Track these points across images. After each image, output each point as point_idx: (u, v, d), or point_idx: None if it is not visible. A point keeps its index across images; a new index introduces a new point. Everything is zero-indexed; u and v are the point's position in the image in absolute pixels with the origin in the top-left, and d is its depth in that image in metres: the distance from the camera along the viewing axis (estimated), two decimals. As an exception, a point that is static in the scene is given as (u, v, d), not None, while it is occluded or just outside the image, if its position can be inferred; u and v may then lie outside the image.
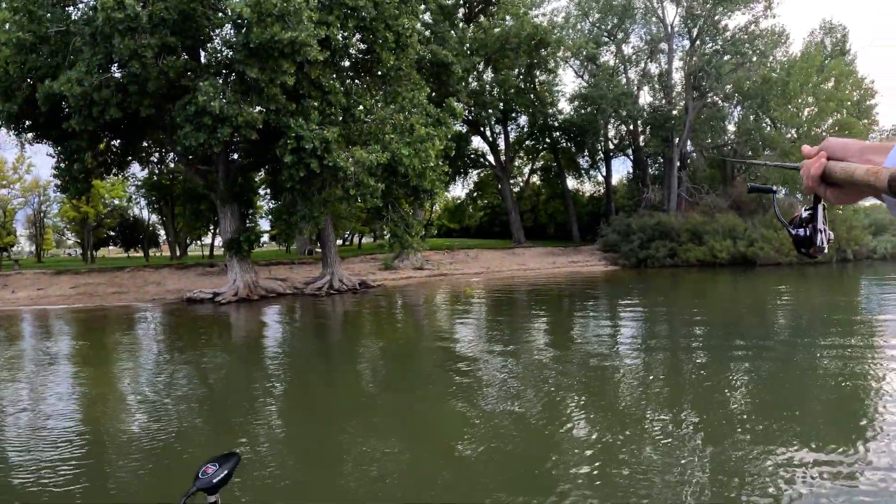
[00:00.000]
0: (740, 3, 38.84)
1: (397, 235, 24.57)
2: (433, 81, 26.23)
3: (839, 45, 41.89)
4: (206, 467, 2.11)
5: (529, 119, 47.64)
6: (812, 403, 7.78)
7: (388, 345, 13.97)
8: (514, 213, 47.39)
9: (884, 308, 17.31)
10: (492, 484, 5.45)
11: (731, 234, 35.42)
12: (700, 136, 44.73)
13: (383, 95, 22.84)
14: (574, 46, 41.45)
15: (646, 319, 16.59)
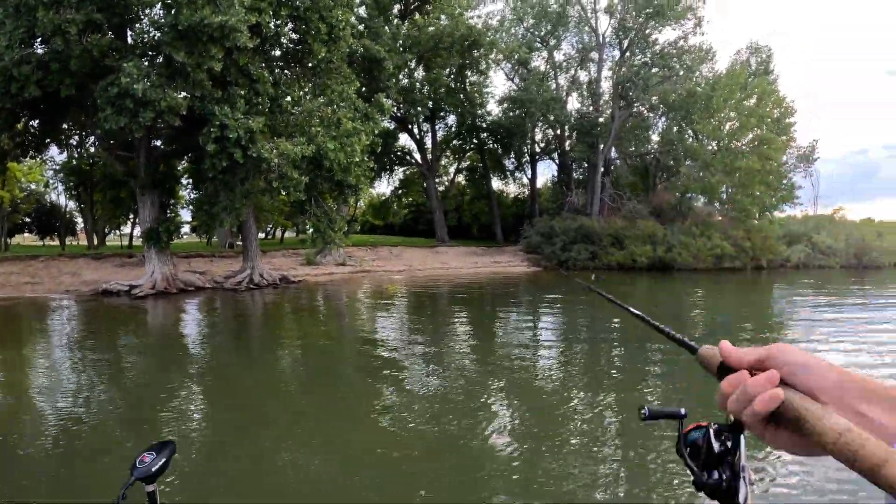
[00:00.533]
0: (672, 20, 40.19)
1: (320, 230, 24.11)
2: (364, 76, 25.86)
3: (763, 64, 43.91)
4: (142, 456, 2.06)
5: (458, 119, 47.71)
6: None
7: (309, 341, 13.68)
8: (438, 212, 47.47)
9: (793, 311, 18.44)
10: (417, 483, 5.47)
11: (650, 240, 36.54)
12: (624, 143, 46.00)
13: (312, 88, 22.33)
14: (507, 50, 41.79)
15: (566, 320, 16.95)
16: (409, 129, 46.20)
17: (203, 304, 20.25)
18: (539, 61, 47.65)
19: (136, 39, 19.46)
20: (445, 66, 38.03)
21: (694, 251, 35.28)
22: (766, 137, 37.15)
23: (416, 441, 6.53)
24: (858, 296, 22.34)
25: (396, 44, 31.55)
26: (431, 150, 48.03)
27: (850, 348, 11.58)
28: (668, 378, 9.57)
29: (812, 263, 36.88)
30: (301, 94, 21.77)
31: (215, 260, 31.33)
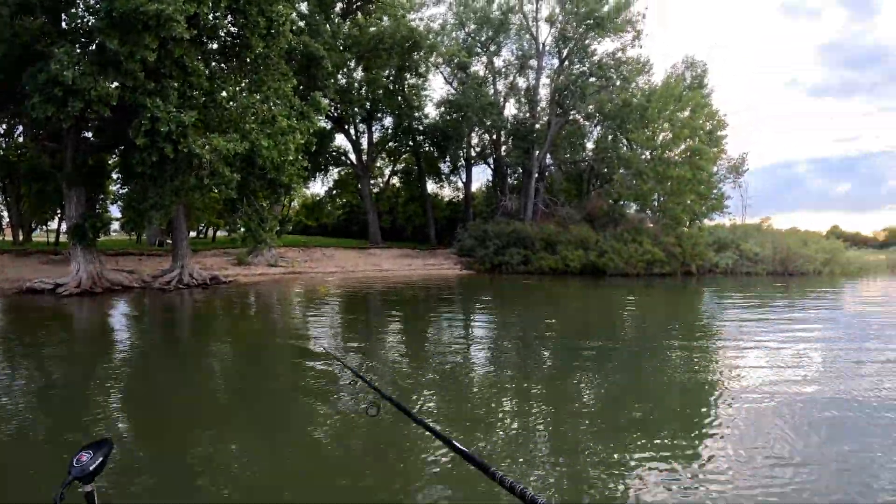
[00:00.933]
0: (611, 31, 40.98)
1: (251, 230, 23.47)
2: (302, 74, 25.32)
3: (698, 79, 45.21)
4: (79, 455, 2.02)
5: (395, 121, 47.44)
6: (656, 400, 8.39)
7: (238, 344, 13.21)
8: (372, 214, 47.13)
9: (721, 315, 18.94)
10: (351, 484, 5.47)
11: (583, 245, 37.22)
12: (559, 150, 46.60)
13: (249, 83, 21.71)
14: (447, 53, 41.72)
15: (498, 323, 16.96)
16: (346, 129, 45.63)
17: (130, 304, 19.34)
18: (479, 66, 47.93)
19: (71, 25, 18.49)
20: (385, 67, 37.71)
21: (626, 257, 36.08)
22: (698, 148, 38.37)
23: (347, 440, 6.54)
24: (783, 300, 23.33)
25: (336, 42, 31.12)
26: (367, 151, 47.60)
27: (774, 346, 12.30)
28: (595, 374, 9.82)
29: (740, 270, 38.19)
30: (237, 89, 21.10)
31: (144, 258, 30.18)
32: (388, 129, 49.45)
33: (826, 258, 39.48)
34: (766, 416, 7.38)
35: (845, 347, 12.27)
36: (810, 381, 9.18)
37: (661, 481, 5.42)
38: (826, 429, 6.93)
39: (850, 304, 22.52)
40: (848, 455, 6.06)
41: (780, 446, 6.31)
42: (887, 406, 7.80)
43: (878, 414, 7.49)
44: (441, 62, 45.63)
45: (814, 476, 5.53)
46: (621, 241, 37.35)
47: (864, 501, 5.04)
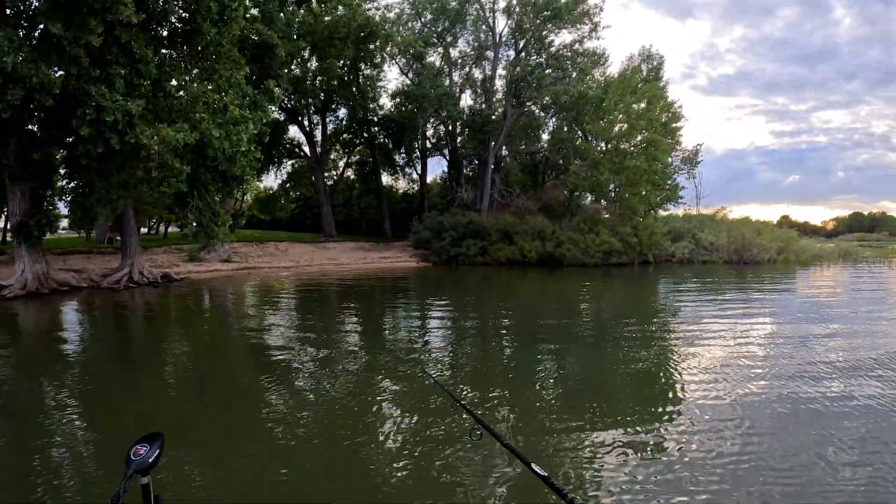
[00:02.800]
0: (568, 23, 40.98)
1: (203, 224, 22.62)
2: (254, 63, 24.46)
3: (654, 71, 45.67)
4: (136, 448, 2.07)
5: (349, 112, 46.69)
6: (615, 386, 8.77)
7: (191, 344, 12.62)
8: (326, 207, 46.41)
9: (677, 303, 19.34)
10: (315, 485, 5.43)
11: (540, 236, 37.24)
12: (515, 141, 46.49)
13: (200, 72, 20.79)
14: (403, 43, 41.06)
15: (456, 314, 17.03)
16: (300, 121, 44.74)
17: (77, 305, 18.33)
18: (435, 57, 47.42)
19: (12, 8, 17.34)
20: (340, 56, 36.80)
21: (583, 247, 36.29)
22: (654, 139, 38.67)
23: (306, 437, 6.51)
24: (737, 287, 24.17)
25: (290, 30, 30.24)
26: (321, 143, 46.76)
27: (726, 328, 13.25)
28: (556, 371, 9.74)
29: (696, 259, 38.91)
30: (187, 78, 20.17)
31: (93, 257, 28.89)
32: (343, 120, 48.73)
33: (780, 247, 40.59)
34: (721, 400, 7.68)
35: (800, 332, 12.84)
36: (765, 366, 9.61)
37: (619, 466, 5.64)
38: (780, 413, 7.20)
39: (804, 290, 23.40)
40: (803, 440, 6.31)
41: (736, 430, 6.56)
42: (839, 385, 8.32)
43: (829, 391, 7.99)
44: (397, 53, 45.05)
45: (769, 460, 5.76)
46: (578, 231, 37.54)
47: (819, 481, 5.31)
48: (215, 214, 22.92)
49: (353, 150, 54.10)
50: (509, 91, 42.54)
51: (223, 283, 24.48)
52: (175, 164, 18.25)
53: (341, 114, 48.09)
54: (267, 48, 24.51)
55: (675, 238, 40.41)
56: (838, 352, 10.67)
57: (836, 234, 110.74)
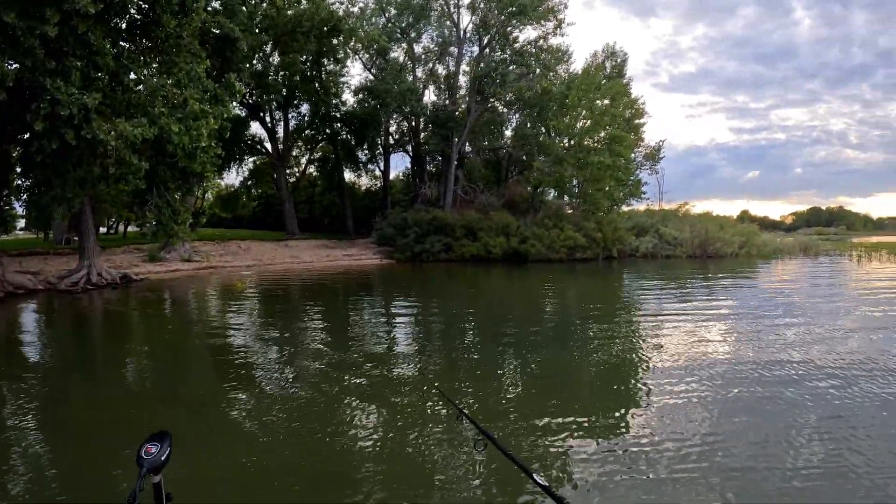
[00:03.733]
0: (533, 20, 40.90)
1: (162, 223, 21.98)
2: (216, 57, 23.76)
3: (618, 68, 46.02)
4: (146, 447, 2.08)
5: (312, 108, 45.91)
6: (581, 379, 8.87)
7: (153, 347, 12.22)
8: (288, 204, 45.76)
9: (640, 297, 19.74)
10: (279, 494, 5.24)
11: (504, 232, 37.26)
12: (479, 137, 46.32)
13: (159, 65, 20.08)
14: (367, 38, 40.49)
15: (421, 311, 17.01)
16: (262, 117, 44.05)
17: (34, 308, 17.61)
18: (398, 53, 47.02)
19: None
20: (302, 51, 36.13)
21: (548, 242, 36.45)
22: (618, 135, 39.06)
23: (274, 441, 6.37)
24: (700, 280, 24.87)
25: (253, 23, 29.54)
26: (283, 139, 46.06)
27: (690, 319, 13.85)
28: (523, 366, 9.86)
29: (660, 253, 39.52)
30: (146, 71, 19.47)
31: (51, 258, 27.88)
32: (305, 116, 47.94)
33: (742, 241, 41.41)
34: (685, 391, 7.81)
35: (761, 323, 13.31)
36: (728, 356, 9.92)
37: (586, 457, 5.72)
38: (744, 403, 7.38)
39: (767, 283, 24.08)
40: (763, 428, 6.49)
41: (699, 420, 6.70)
42: (799, 381, 8.36)
43: (790, 389, 7.97)
44: (360, 48, 44.47)
45: (733, 450, 5.87)
46: (543, 227, 37.74)
47: (780, 469, 5.41)
48: (175, 212, 22.30)
49: (316, 146, 53.34)
50: (473, 87, 42.32)
51: (184, 284, 23.84)
52: (133, 161, 17.61)
53: (304, 110, 47.40)
54: (228, 41, 23.75)
55: (639, 233, 40.91)
56: (798, 342, 11.05)
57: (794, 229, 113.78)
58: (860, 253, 41.72)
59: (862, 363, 9.27)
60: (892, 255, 40.14)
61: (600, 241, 37.64)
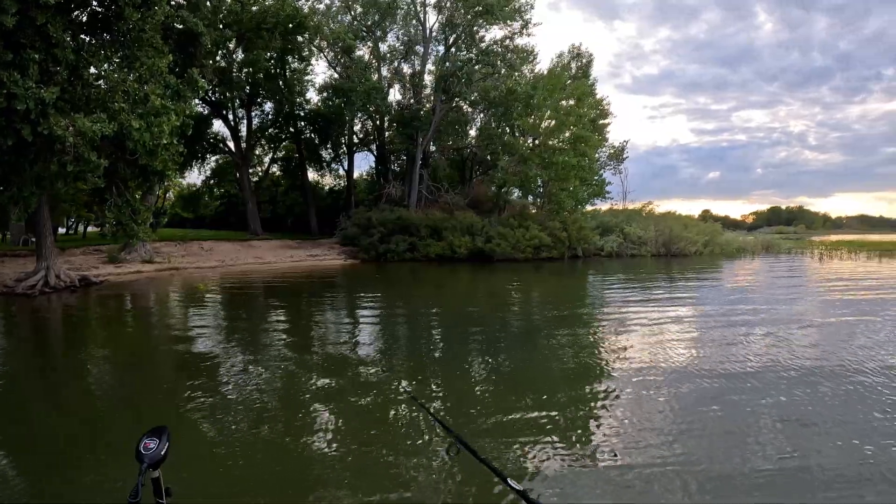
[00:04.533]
0: (500, 19, 40.76)
1: (122, 223, 21.33)
2: (179, 52, 23.13)
3: (584, 69, 46.21)
4: (144, 442, 2.08)
5: (275, 106, 45.38)
6: (547, 377, 8.89)
7: (114, 351, 11.81)
8: (251, 204, 44.95)
9: (605, 296, 19.97)
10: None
11: (469, 231, 37.17)
12: (443, 136, 46.17)
13: (120, 59, 19.43)
14: (332, 35, 39.99)
15: (387, 312, 16.90)
16: (224, 115, 43.21)
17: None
18: (364, 51, 46.58)
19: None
20: (267, 48, 35.43)
21: (513, 242, 36.50)
22: (583, 135, 39.47)
23: (239, 448, 6.20)
24: (664, 278, 25.46)
25: (217, 18, 28.87)
26: (246, 138, 45.28)
27: (655, 316, 14.00)
28: (485, 355, 10.27)
29: (625, 252, 40.25)
30: (107, 65, 18.83)
31: (7, 260, 26.84)
32: (269, 115, 47.36)
33: (706, 240, 41.96)
34: (649, 389, 7.92)
35: (727, 320, 13.69)
36: (691, 354, 10.07)
37: (550, 457, 5.72)
38: (706, 399, 7.50)
39: (731, 280, 24.75)
40: (726, 423, 6.61)
41: (663, 418, 6.77)
42: (760, 374, 8.66)
43: (750, 382, 8.25)
44: (325, 46, 43.95)
45: (695, 446, 5.98)
46: (508, 226, 37.77)
47: (743, 467, 5.47)
48: (135, 212, 21.68)
49: (279, 145, 52.69)
50: (438, 86, 42.09)
51: (145, 286, 23.16)
52: (92, 158, 16.98)
53: (267, 108, 46.85)
54: (191, 37, 23.19)
55: (604, 232, 41.37)
56: (762, 338, 11.49)
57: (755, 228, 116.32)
58: (822, 251, 42.80)
59: (824, 358, 9.62)
60: (851, 252, 41.53)
61: (565, 240, 37.90)
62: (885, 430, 6.39)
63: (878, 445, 5.95)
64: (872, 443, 6.02)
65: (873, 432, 6.34)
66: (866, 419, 6.77)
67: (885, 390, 7.82)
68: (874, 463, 5.55)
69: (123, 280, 24.51)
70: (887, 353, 9.95)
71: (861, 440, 6.09)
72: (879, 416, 6.87)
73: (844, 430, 6.38)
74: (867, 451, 5.84)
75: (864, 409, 7.11)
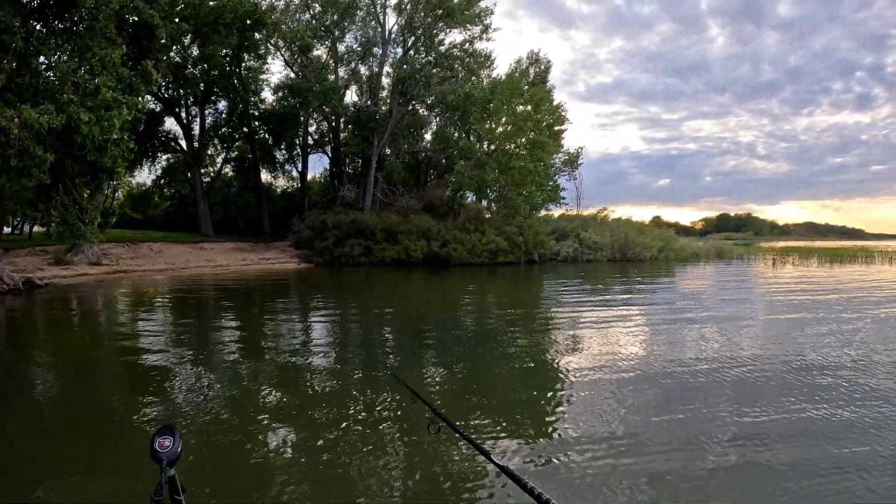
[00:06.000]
0: (460, 23, 40.81)
1: (68, 222, 20.43)
2: (132, 46, 22.18)
3: (541, 75, 46.49)
4: (159, 441, 2.07)
5: (229, 105, 44.35)
6: (503, 381, 8.88)
7: (60, 359, 11.05)
8: (203, 205, 43.80)
9: (561, 299, 20.15)
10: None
11: (425, 235, 36.89)
12: (399, 139, 45.86)
13: (72, 49, 18.47)
14: (291, 32, 39.14)
15: (340, 317, 16.62)
16: (177, 113, 41.96)
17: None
18: (321, 51, 45.91)
19: None
20: (223, 44, 34.44)
21: (469, 246, 36.39)
22: (539, 140, 40.05)
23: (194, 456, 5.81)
24: (619, 282, 25.98)
25: (173, 11, 27.85)
26: (199, 137, 44.05)
27: (610, 324, 13.78)
28: (438, 361, 10.13)
29: (581, 257, 40.68)
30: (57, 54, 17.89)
31: (-50, 263, 25.52)
32: (223, 113, 46.21)
33: (661, 245, 42.86)
34: (601, 391, 7.93)
35: (674, 321, 14.21)
36: (642, 355, 10.23)
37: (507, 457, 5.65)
38: (657, 400, 7.54)
39: (684, 284, 25.48)
40: (678, 423, 6.65)
41: (615, 419, 6.77)
42: (714, 375, 8.74)
43: (704, 382, 8.38)
44: (282, 45, 43.18)
45: (648, 447, 5.93)
46: (464, 230, 37.59)
47: (693, 465, 5.47)
48: (82, 211, 20.86)
49: (233, 145, 51.38)
50: (395, 88, 41.75)
51: (92, 290, 22.02)
52: (37, 152, 16.18)
53: (221, 106, 45.75)
54: (147, 29, 22.28)
55: (560, 237, 41.71)
56: (712, 336, 11.93)
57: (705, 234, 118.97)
58: (774, 256, 43.92)
59: (777, 357, 9.92)
60: (801, 258, 42.76)
61: (522, 244, 37.98)
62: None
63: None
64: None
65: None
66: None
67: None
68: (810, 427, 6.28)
69: (70, 283, 23.29)
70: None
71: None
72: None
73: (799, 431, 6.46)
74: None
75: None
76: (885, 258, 43.40)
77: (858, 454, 5.66)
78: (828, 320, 14.09)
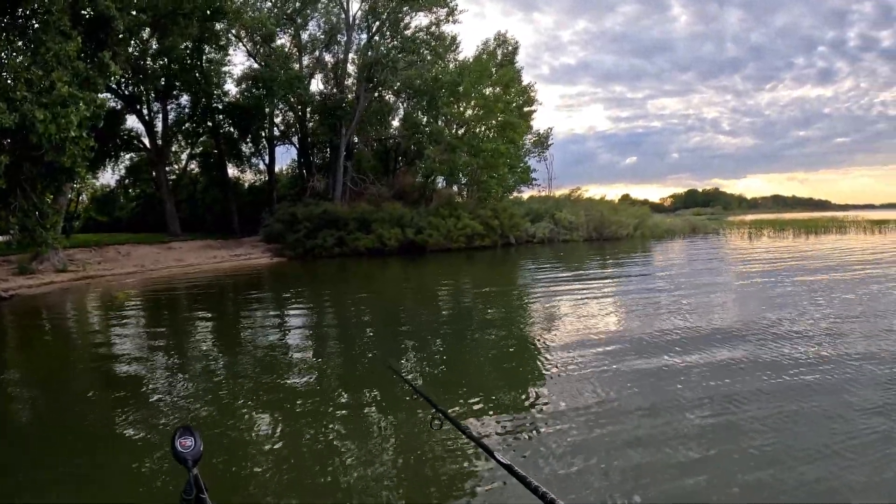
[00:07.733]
0: (425, 6, 40.25)
1: (28, 229, 19.53)
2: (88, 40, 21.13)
3: (509, 56, 46.23)
4: (180, 441, 2.06)
5: (192, 99, 43.16)
6: (482, 365, 9.06)
7: (32, 372, 10.57)
8: (169, 203, 42.82)
9: (538, 280, 20.45)
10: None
11: (399, 223, 36.43)
12: (367, 127, 45.21)
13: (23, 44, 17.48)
14: (253, 21, 38.00)
15: (316, 310, 16.53)
16: (138, 109, 40.78)
17: None
18: (284, 40, 44.97)
19: None
20: (183, 35, 33.29)
21: (445, 232, 36.04)
22: (510, 121, 40.07)
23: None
24: (595, 260, 26.75)
25: (131, 2, 26.67)
26: (162, 133, 42.92)
27: (582, 297, 14.72)
28: (419, 346, 10.39)
29: (557, 238, 40.67)
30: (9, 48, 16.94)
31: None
32: (185, 108, 44.95)
33: (636, 223, 43.49)
34: (579, 371, 8.03)
35: (666, 298, 14.39)
36: (620, 334, 10.39)
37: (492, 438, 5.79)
38: (634, 377, 7.70)
39: (665, 260, 26.11)
40: (655, 402, 6.70)
41: (593, 398, 6.88)
42: (689, 353, 8.78)
43: (678, 360, 8.41)
44: (244, 35, 42.13)
45: (625, 423, 6.10)
46: (438, 216, 37.21)
47: (671, 442, 5.56)
48: (43, 216, 20.03)
49: (197, 140, 50.16)
50: (362, 75, 41.10)
51: (59, 299, 21.06)
52: (-10, 155, 15.18)
53: (184, 101, 44.45)
54: (103, 21, 21.23)
55: (535, 219, 41.61)
56: (689, 315, 11.91)
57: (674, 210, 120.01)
58: (749, 230, 44.41)
59: (752, 332, 10.03)
60: (776, 231, 43.77)
61: (497, 228, 37.83)
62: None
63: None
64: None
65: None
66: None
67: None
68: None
69: (36, 293, 22.22)
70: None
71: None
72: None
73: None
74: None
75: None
76: (860, 228, 44.35)
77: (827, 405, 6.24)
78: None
